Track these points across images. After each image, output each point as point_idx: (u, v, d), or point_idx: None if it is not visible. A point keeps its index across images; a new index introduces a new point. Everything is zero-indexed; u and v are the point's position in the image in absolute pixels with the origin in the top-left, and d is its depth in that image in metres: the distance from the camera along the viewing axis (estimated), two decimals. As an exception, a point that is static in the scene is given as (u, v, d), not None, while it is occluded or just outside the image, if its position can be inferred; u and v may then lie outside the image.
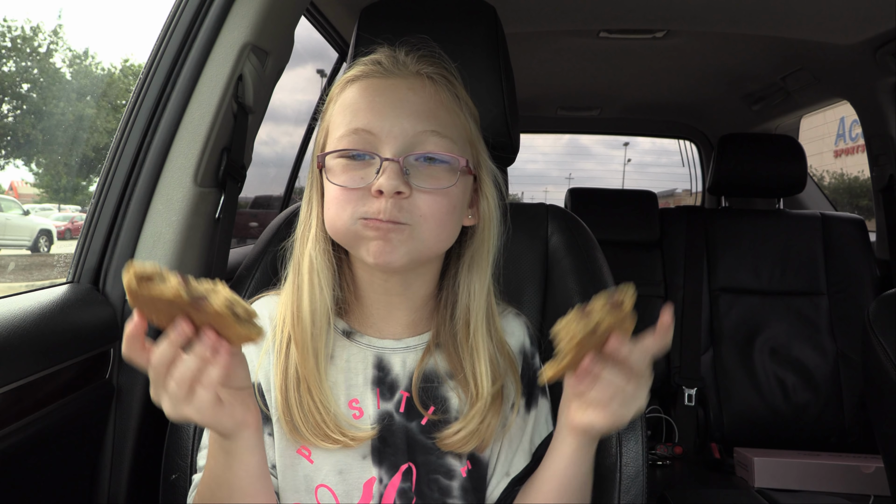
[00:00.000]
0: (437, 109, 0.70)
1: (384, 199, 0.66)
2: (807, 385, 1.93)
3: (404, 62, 0.73)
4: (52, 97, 5.90)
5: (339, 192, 0.68)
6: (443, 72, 0.74)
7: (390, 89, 0.70)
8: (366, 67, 0.72)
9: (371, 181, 0.66)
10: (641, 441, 0.81)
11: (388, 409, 0.73)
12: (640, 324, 0.59)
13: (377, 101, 0.69)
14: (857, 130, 12.74)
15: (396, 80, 0.71)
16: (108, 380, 0.91)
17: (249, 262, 0.97)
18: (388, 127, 0.67)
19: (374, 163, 0.67)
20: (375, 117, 0.68)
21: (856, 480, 1.68)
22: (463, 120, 0.73)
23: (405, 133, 0.67)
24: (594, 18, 1.82)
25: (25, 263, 5.03)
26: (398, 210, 0.66)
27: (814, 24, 1.72)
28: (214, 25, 0.96)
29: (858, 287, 1.99)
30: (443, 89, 0.72)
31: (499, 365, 0.75)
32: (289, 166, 2.24)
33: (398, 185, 0.65)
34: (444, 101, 0.72)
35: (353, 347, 0.76)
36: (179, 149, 0.96)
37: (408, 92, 0.70)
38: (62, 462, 0.84)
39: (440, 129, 0.69)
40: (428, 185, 0.68)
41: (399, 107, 0.68)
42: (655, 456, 1.91)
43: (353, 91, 0.71)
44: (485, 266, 0.76)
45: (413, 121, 0.68)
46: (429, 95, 0.70)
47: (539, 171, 46.43)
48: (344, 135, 0.69)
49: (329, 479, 0.71)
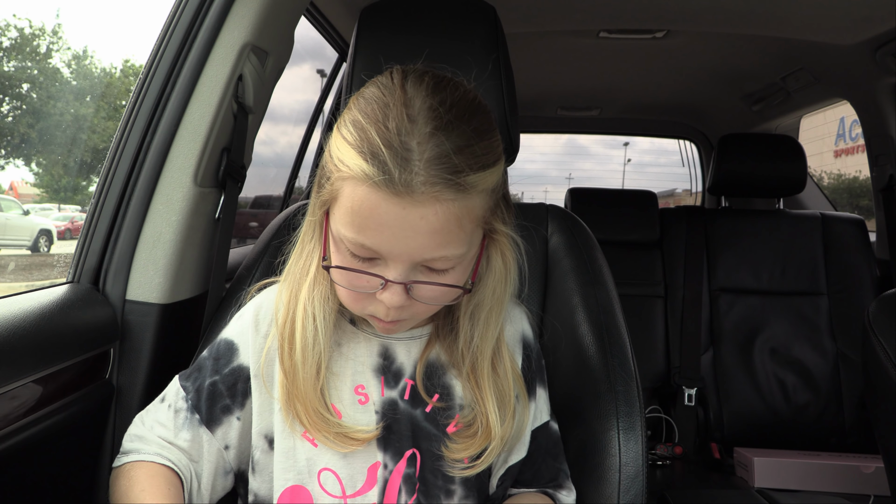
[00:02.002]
0: (450, 232, 0.63)
1: (386, 307, 0.66)
2: (807, 385, 1.93)
3: (420, 182, 0.60)
4: (52, 97, 5.90)
5: (344, 290, 0.69)
6: (464, 187, 0.62)
7: (401, 216, 0.61)
8: (378, 174, 0.60)
9: (376, 290, 0.66)
10: (641, 441, 0.81)
11: (392, 397, 0.74)
12: (641, 324, 0.58)
13: (386, 227, 0.62)
14: (857, 130, 12.74)
15: (408, 209, 0.61)
16: (108, 380, 0.91)
17: (249, 262, 0.97)
18: (397, 253, 0.63)
19: (379, 269, 0.65)
20: (383, 242, 0.63)
21: (856, 480, 1.68)
22: (477, 213, 0.66)
23: (412, 258, 0.63)
24: (594, 18, 1.82)
25: (25, 263, 5.03)
26: (401, 312, 0.68)
27: (814, 24, 1.72)
28: (214, 25, 0.96)
29: (858, 287, 1.99)
30: (457, 207, 0.62)
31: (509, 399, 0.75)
32: (287, 166, 2.24)
33: (401, 301, 0.65)
34: (457, 218, 0.63)
35: (360, 336, 0.77)
36: (179, 149, 0.96)
37: (420, 221, 0.61)
38: (62, 462, 0.84)
39: (450, 251, 0.64)
40: (431, 289, 0.66)
41: (409, 234, 0.62)
42: (655, 456, 1.91)
43: (360, 194, 0.62)
44: (494, 315, 0.74)
45: (421, 249, 0.63)
46: (444, 220, 0.62)
47: (538, 171, 46.42)
48: (351, 241, 0.64)
49: (333, 462, 0.71)
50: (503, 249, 0.72)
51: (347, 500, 0.71)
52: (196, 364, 0.78)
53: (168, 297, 0.95)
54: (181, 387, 0.76)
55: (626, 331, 0.89)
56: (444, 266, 0.65)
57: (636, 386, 0.84)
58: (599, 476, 0.80)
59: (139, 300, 0.94)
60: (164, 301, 0.94)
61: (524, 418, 0.78)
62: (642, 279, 2.14)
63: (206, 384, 0.75)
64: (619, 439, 0.82)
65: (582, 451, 0.83)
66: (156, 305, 0.94)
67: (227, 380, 0.75)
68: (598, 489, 0.80)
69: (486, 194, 0.65)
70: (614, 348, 0.86)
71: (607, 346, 0.86)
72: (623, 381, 0.83)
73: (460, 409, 0.75)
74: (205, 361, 0.77)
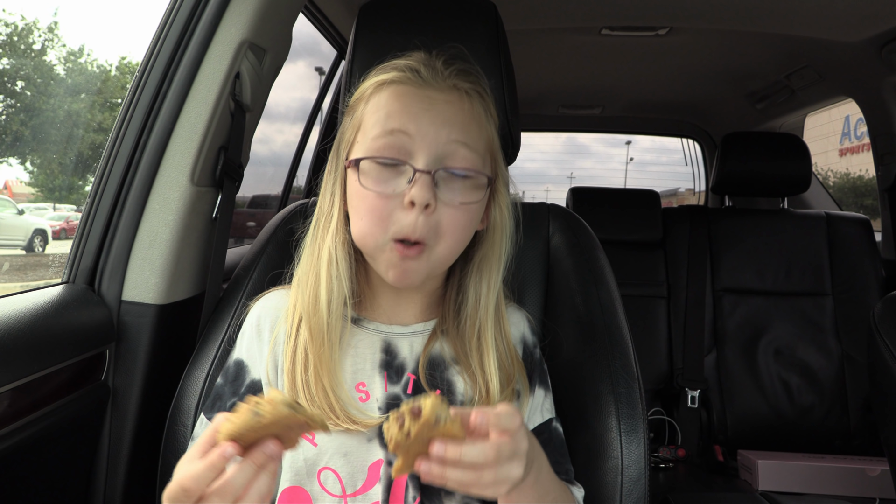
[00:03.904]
0: (470, 123, 0.74)
1: (415, 213, 0.69)
2: (811, 387, 1.93)
3: (442, 73, 0.75)
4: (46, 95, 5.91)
5: (371, 203, 0.71)
6: (478, 87, 0.77)
7: (427, 99, 0.73)
8: (402, 74, 0.74)
9: (402, 190, 0.69)
10: (644, 444, 0.81)
11: (395, 392, 0.75)
12: (644, 325, 0.59)
13: (413, 107, 0.72)
14: (863, 129, 12.72)
15: (433, 92, 0.73)
16: (104, 381, 0.91)
17: (247, 263, 0.97)
18: (424, 131, 0.70)
19: (406, 172, 0.70)
20: (411, 121, 0.71)
21: (861, 483, 1.68)
22: (490, 133, 0.77)
23: (438, 140, 0.71)
24: (596, 15, 1.82)
25: (20, 263, 5.03)
26: (426, 228, 0.69)
27: (819, 21, 1.72)
28: (211, 22, 0.96)
29: (864, 288, 1.99)
30: (477, 104, 0.76)
31: (509, 366, 0.78)
32: (285, 165, 2.24)
33: (429, 197, 0.69)
34: (476, 115, 0.75)
35: (361, 333, 0.78)
36: (176, 147, 0.96)
37: (444, 104, 0.73)
38: (58, 465, 0.84)
39: (470, 142, 0.72)
40: (454, 198, 0.71)
41: (434, 115, 0.71)
42: (658, 459, 1.91)
43: (387, 94, 0.74)
44: (495, 271, 0.79)
45: (447, 129, 0.71)
46: (463, 109, 0.74)
47: (539, 170, 46.44)
48: (379, 135, 0.71)
49: (333, 461, 0.71)
50: (501, 204, 0.79)
51: (348, 499, 0.71)
52: (214, 394, 0.79)
53: (164, 297, 0.95)
54: (207, 419, 0.77)
55: (628, 332, 0.89)
56: (464, 164, 0.71)
57: (638, 388, 0.84)
58: (601, 479, 0.80)
59: (135, 301, 0.94)
60: (160, 302, 0.95)
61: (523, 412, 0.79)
62: (645, 279, 2.14)
63: (227, 408, 0.75)
64: (621, 442, 0.82)
65: (584, 453, 0.83)
66: (152, 306, 0.94)
67: (230, 375, 0.77)
68: (600, 492, 0.80)
69: (493, 123, 0.77)
70: (616, 349, 0.86)
71: (609, 347, 0.87)
72: (625, 382, 0.83)
73: (461, 406, 0.75)
74: (222, 388, 0.78)
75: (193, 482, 0.52)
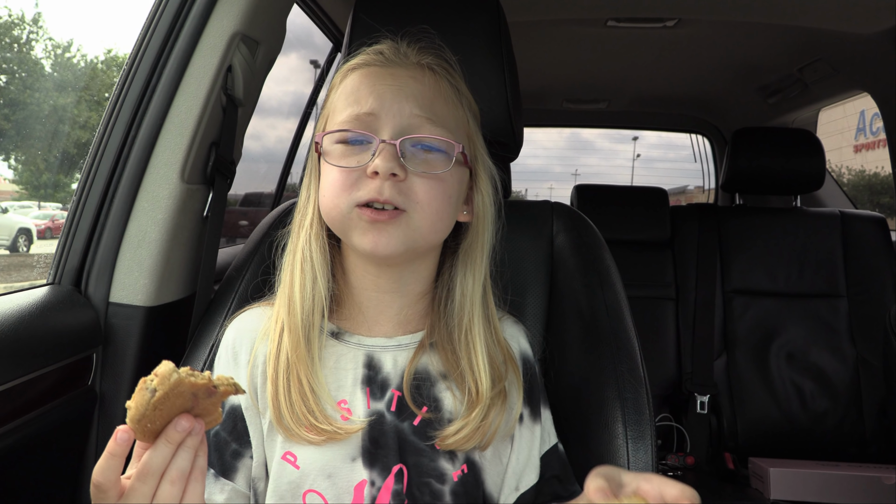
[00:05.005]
0: (436, 99, 0.75)
1: (380, 181, 0.69)
2: (825, 392, 1.93)
3: (406, 53, 0.78)
4: (31, 89, 5.91)
5: (335, 176, 0.72)
6: (444, 64, 0.79)
7: (391, 77, 0.75)
8: (368, 57, 0.77)
9: (367, 163, 0.70)
10: (651, 451, 0.81)
11: (378, 409, 0.74)
12: (651, 328, 0.58)
13: (378, 87, 0.74)
14: (879, 124, 12.74)
15: (398, 70, 0.76)
16: (91, 386, 0.91)
17: (239, 263, 0.97)
18: (388, 107, 0.72)
19: (371, 146, 0.71)
20: (376, 100, 0.73)
21: (876, 492, 1.68)
22: (461, 113, 0.78)
23: (402, 114, 0.72)
24: (602, 6, 1.82)
25: (3, 264, 5.03)
26: (396, 192, 0.70)
27: (832, 12, 1.72)
28: (202, 14, 0.96)
29: (879, 289, 1.99)
30: (443, 81, 0.77)
31: (500, 364, 0.77)
32: (279, 161, 2.24)
33: (393, 166, 0.69)
34: (443, 91, 0.76)
35: (342, 347, 0.77)
36: (165, 143, 0.96)
37: (409, 80, 0.75)
38: (43, 473, 0.84)
39: (436, 117, 0.74)
40: (423, 169, 0.72)
41: (399, 91, 0.73)
42: (666, 466, 1.91)
43: (354, 78, 0.76)
44: (479, 262, 0.79)
45: (412, 105, 0.73)
46: (429, 85, 0.75)
47: (543, 167, 46.44)
48: (345, 119, 0.73)
49: (318, 483, 0.71)
50: (483, 190, 0.80)
51: None
52: None
53: (154, 299, 0.95)
54: None
55: (635, 335, 0.89)
56: (433, 135, 0.72)
57: (646, 393, 0.84)
58: (607, 487, 0.80)
59: (123, 303, 0.94)
60: (149, 303, 0.95)
61: (532, 443, 0.78)
62: (652, 280, 2.14)
63: (210, 438, 0.75)
64: (627, 449, 0.82)
65: (589, 461, 0.83)
66: (141, 308, 0.94)
67: (227, 425, 0.75)
68: (606, 501, 0.80)
69: (467, 105, 0.79)
70: (623, 353, 0.86)
71: (615, 350, 0.87)
72: (632, 387, 0.83)
73: (449, 423, 0.74)
74: None
75: (100, 475, 0.53)
